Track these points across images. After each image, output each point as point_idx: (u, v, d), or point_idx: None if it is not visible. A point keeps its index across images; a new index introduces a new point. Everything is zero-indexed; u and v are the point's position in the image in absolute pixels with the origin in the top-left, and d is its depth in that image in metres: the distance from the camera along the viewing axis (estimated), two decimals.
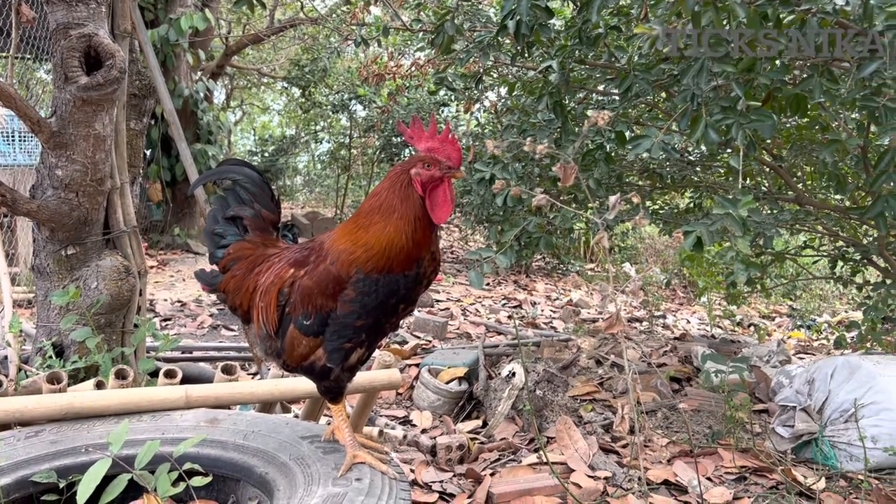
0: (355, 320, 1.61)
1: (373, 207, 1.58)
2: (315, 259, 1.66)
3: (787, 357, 4.25)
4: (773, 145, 3.99)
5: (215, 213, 1.85)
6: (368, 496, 1.55)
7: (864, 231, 4.36)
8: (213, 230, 1.84)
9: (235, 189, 1.84)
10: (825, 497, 2.49)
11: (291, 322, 1.66)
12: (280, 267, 1.72)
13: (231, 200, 1.85)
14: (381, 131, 9.90)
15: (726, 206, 1.84)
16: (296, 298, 1.65)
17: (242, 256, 1.80)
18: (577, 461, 2.68)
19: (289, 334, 1.67)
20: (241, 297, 1.77)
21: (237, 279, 1.78)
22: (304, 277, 1.65)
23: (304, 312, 1.63)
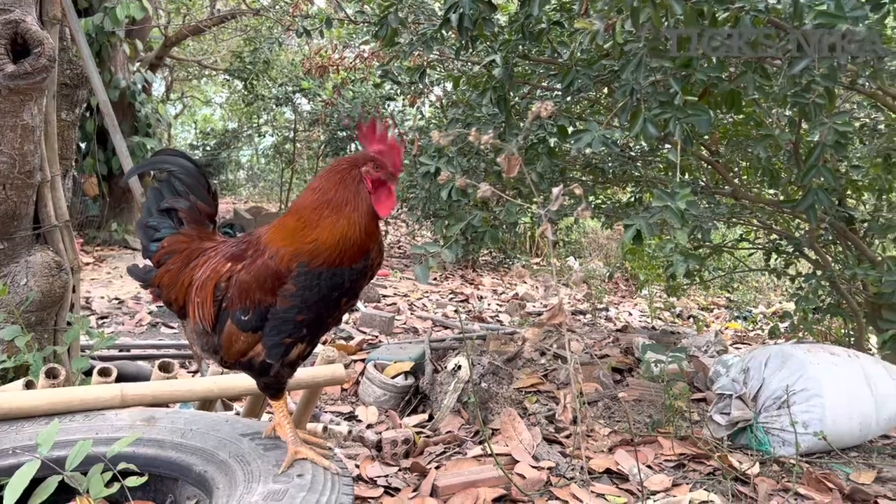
0: (296, 315, 1.59)
1: (320, 202, 1.58)
2: (253, 253, 1.63)
3: (724, 347, 4.38)
4: (710, 141, 4.09)
5: (149, 206, 1.79)
6: (310, 492, 1.53)
7: (796, 224, 4.52)
8: (147, 223, 1.78)
9: (170, 180, 1.78)
10: (759, 481, 2.57)
11: (229, 317, 1.63)
12: (216, 261, 1.69)
13: (166, 192, 1.78)
14: (326, 125, 9.80)
15: (665, 198, 1.88)
16: (233, 293, 1.62)
17: (177, 250, 1.75)
18: (522, 452, 2.71)
19: (226, 330, 1.64)
20: (176, 291, 1.73)
21: (172, 273, 1.73)
22: (241, 272, 1.62)
23: (242, 307, 1.61)
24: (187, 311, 1.71)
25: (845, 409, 2.96)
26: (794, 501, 2.43)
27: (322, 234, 1.56)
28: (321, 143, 10.76)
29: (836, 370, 3.03)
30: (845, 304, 3.93)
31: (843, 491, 2.56)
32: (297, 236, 1.57)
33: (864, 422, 3.01)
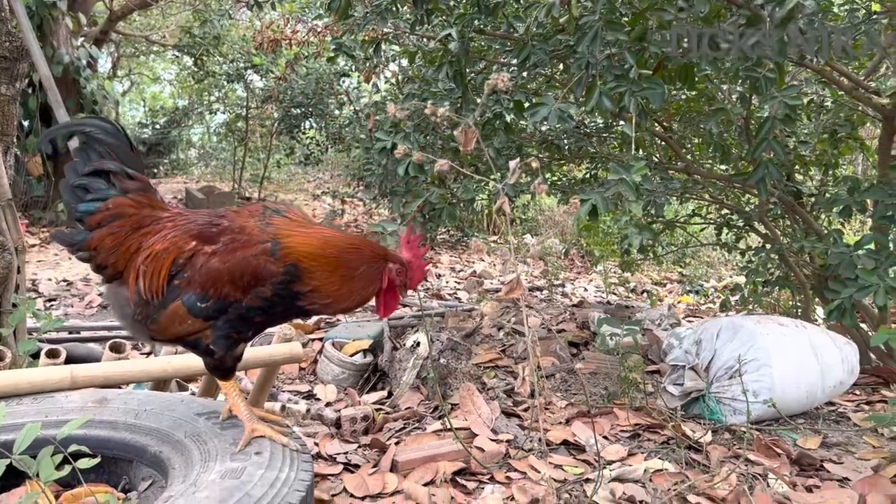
0: (256, 316, 1.60)
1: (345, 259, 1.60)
2: (231, 242, 1.58)
3: (677, 320, 4.47)
4: (664, 117, 4.14)
5: (75, 167, 1.70)
6: (268, 469, 1.52)
7: (746, 199, 4.62)
8: (75, 183, 1.68)
9: (92, 142, 1.70)
10: (711, 449, 2.64)
11: (179, 297, 1.59)
12: (177, 235, 1.63)
13: (92, 154, 1.70)
14: (279, 102, 9.62)
15: (620, 171, 1.90)
16: (195, 276, 1.57)
17: (124, 214, 1.67)
18: (481, 426, 2.73)
19: (171, 308, 1.59)
20: (117, 256, 1.65)
21: (116, 237, 1.65)
22: (212, 257, 1.57)
23: (202, 294, 1.57)
24: (126, 277, 1.65)
25: (793, 377, 3.05)
26: (744, 467, 2.50)
27: (327, 282, 1.58)
28: (274, 121, 10.57)
29: (785, 340, 3.12)
30: (793, 276, 4.04)
31: (791, 456, 2.65)
32: (318, 263, 1.58)
33: (811, 390, 3.11)
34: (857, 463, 2.67)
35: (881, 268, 2.35)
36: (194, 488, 1.44)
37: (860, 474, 2.52)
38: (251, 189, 12.15)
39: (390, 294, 1.69)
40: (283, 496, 1.43)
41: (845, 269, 2.38)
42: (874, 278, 2.27)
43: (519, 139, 4.27)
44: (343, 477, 2.33)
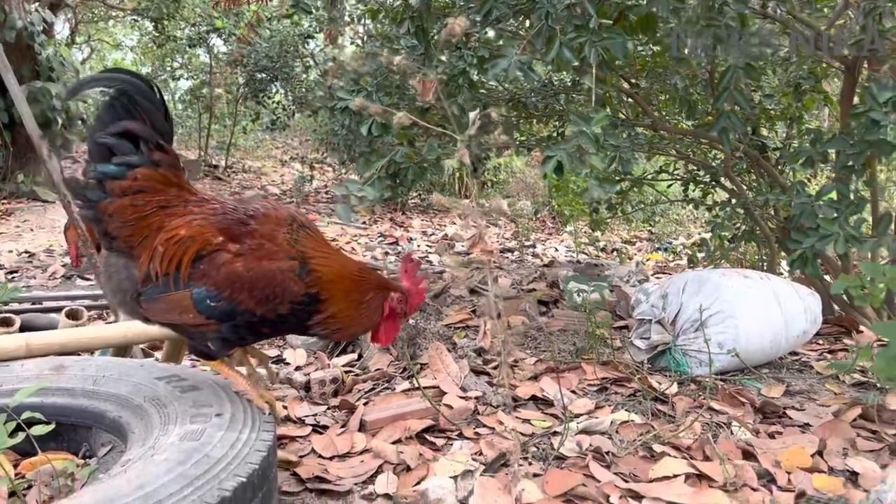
0: (266, 328, 1.60)
1: (357, 289, 1.66)
2: (258, 248, 1.54)
3: (645, 276, 4.51)
4: (630, 73, 4.12)
5: (103, 119, 1.58)
6: (229, 430, 1.50)
7: (713, 155, 4.64)
8: (99, 140, 1.56)
9: (123, 98, 1.57)
10: (677, 400, 2.67)
11: (190, 288, 1.53)
12: (205, 225, 1.56)
13: (120, 111, 1.57)
14: (243, 66, 9.42)
15: (580, 123, 1.87)
16: (213, 272, 1.52)
17: (151, 189, 1.58)
18: (450, 384, 2.73)
19: (177, 296, 1.54)
20: (134, 230, 1.57)
21: (138, 210, 1.56)
22: (236, 259, 1.52)
23: (217, 294, 1.52)
24: (137, 254, 1.57)
25: (758, 328, 3.09)
26: (707, 416, 2.54)
27: (341, 310, 1.63)
28: (239, 86, 10.37)
29: (750, 292, 3.16)
30: (759, 230, 4.08)
31: (755, 404, 2.69)
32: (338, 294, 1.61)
33: (775, 340, 3.16)
34: (818, 409, 2.73)
35: (841, 217, 2.37)
36: (153, 451, 1.42)
37: (821, 420, 2.57)
38: (218, 156, 11.97)
39: (391, 322, 1.76)
40: (243, 456, 1.41)
41: (807, 219, 2.40)
42: (835, 227, 2.29)
43: (485, 97, 4.23)
44: (311, 438, 2.32)
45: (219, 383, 1.76)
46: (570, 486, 1.98)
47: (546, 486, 1.99)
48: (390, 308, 1.73)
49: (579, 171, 1.88)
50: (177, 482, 1.28)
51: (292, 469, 2.11)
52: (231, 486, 1.31)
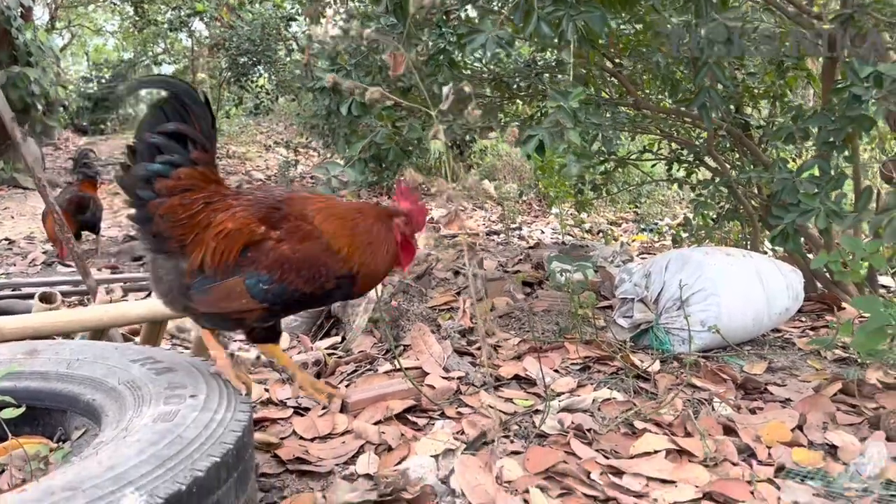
0: (316, 303, 1.76)
1: (365, 228, 1.72)
2: (295, 230, 1.65)
3: (629, 256, 4.51)
4: (614, 53, 4.10)
5: (151, 122, 1.63)
6: (203, 411, 1.49)
7: (696, 134, 4.63)
8: (151, 140, 1.62)
9: (175, 103, 1.63)
10: (659, 377, 2.68)
11: (240, 276, 1.61)
12: (247, 217, 1.64)
13: (171, 114, 1.63)
14: (225, 50, 9.31)
15: (558, 98, 1.86)
16: (262, 258, 1.61)
17: (196, 187, 1.64)
18: (432, 365, 2.73)
19: (229, 284, 1.62)
20: (185, 229, 1.63)
21: (187, 209, 1.63)
22: (280, 244, 1.62)
23: (268, 277, 1.61)
24: (188, 251, 1.63)
25: (740, 306, 3.10)
26: (687, 392, 2.55)
27: (372, 260, 1.72)
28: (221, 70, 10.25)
29: (732, 270, 3.16)
30: (742, 208, 4.09)
31: (737, 381, 2.71)
32: (356, 247, 1.69)
33: (757, 317, 3.17)
34: (800, 385, 2.74)
35: (822, 192, 2.37)
36: (125, 433, 1.40)
37: (802, 395, 2.59)
38: None
39: (405, 246, 1.82)
40: (217, 437, 1.40)
41: (788, 194, 2.40)
42: (815, 202, 2.29)
43: (468, 78, 4.19)
44: (292, 420, 2.31)
45: (194, 365, 1.75)
46: (551, 464, 1.98)
47: (527, 464, 1.99)
48: (400, 234, 1.78)
49: (557, 147, 1.86)
50: (148, 463, 1.27)
51: (273, 451, 2.10)
52: (204, 466, 1.30)
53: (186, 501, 1.25)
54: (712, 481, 1.91)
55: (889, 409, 2.35)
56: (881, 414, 2.33)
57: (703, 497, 1.85)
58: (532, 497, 1.80)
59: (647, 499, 1.84)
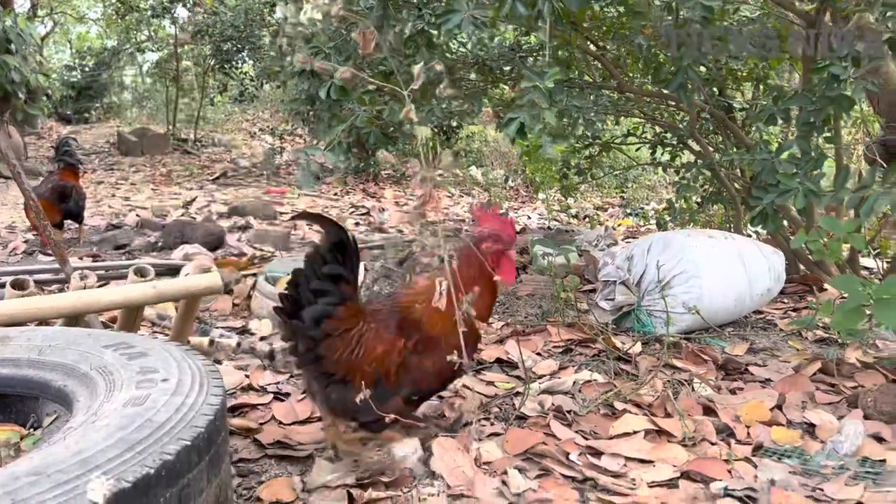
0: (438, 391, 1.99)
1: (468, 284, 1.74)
2: (418, 339, 1.82)
3: (613, 240, 4.51)
4: (598, 36, 4.07)
5: (314, 267, 1.78)
6: (175, 395, 1.47)
7: (680, 117, 4.62)
8: (316, 287, 1.77)
9: (334, 251, 1.78)
10: (641, 359, 2.68)
11: (400, 394, 1.83)
12: (387, 337, 1.82)
13: (328, 257, 1.78)
14: (209, 36, 9.21)
15: (533, 78, 1.84)
16: (409, 377, 1.82)
17: (349, 324, 1.80)
18: None
19: (394, 404, 1.81)
20: (348, 365, 1.80)
21: (347, 346, 1.79)
22: (420, 359, 1.82)
23: (416, 390, 1.86)
24: (353, 380, 1.77)
25: (722, 287, 3.10)
26: (666, 374, 2.55)
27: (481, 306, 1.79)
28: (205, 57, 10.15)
29: (714, 252, 3.17)
30: (725, 191, 4.09)
31: (717, 362, 2.72)
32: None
33: (739, 298, 3.18)
34: (780, 365, 2.76)
35: (801, 172, 2.37)
36: (95, 418, 1.38)
37: (782, 375, 2.60)
38: (187, 130, 11.77)
39: (502, 262, 1.87)
40: (188, 420, 1.38)
41: (767, 175, 2.39)
42: (794, 182, 2.28)
43: (451, 61, 4.17)
44: (272, 406, 2.30)
45: (168, 349, 1.73)
46: (530, 445, 1.98)
47: (506, 446, 1.99)
48: (490, 257, 1.84)
49: (533, 128, 1.85)
50: (116, 447, 1.25)
51: (252, 436, 2.09)
52: (174, 450, 1.28)
53: (155, 485, 1.23)
54: (690, 461, 1.92)
55: (867, 387, 2.37)
56: (859, 392, 2.35)
57: (681, 476, 1.86)
58: (510, 478, 1.81)
59: (625, 479, 1.85)
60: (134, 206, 6.55)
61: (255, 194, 7.61)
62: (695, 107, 3.61)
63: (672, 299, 3.05)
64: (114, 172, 8.91)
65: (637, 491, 1.76)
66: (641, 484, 1.80)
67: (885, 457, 1.99)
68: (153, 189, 7.74)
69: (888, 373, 2.60)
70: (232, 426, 2.12)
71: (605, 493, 1.74)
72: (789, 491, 1.74)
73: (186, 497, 1.34)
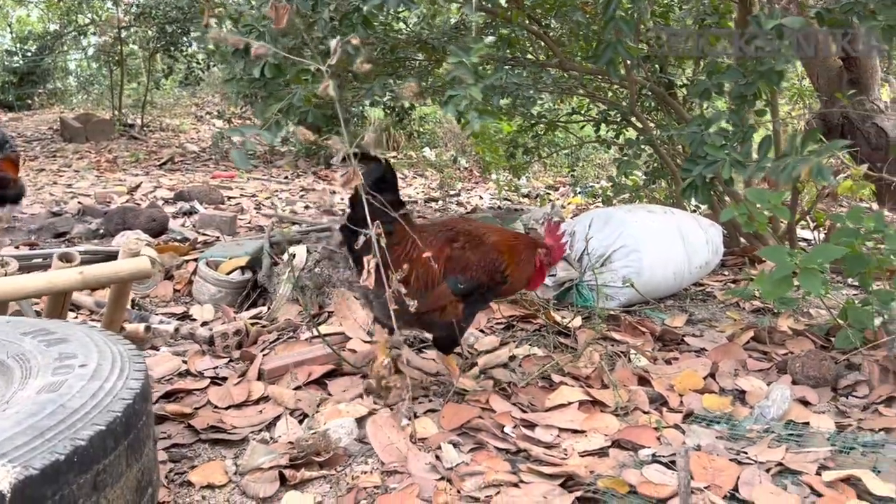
0: (489, 295, 2.19)
1: (517, 248, 2.16)
2: (468, 242, 2.12)
3: (561, 218, 4.54)
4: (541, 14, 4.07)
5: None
6: (92, 380, 1.44)
7: (624, 95, 4.66)
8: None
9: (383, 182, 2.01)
10: (580, 333, 2.71)
11: (444, 281, 2.06)
12: (437, 243, 2.10)
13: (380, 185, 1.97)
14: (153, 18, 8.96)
15: (459, 54, 1.83)
16: (453, 265, 2.07)
17: (403, 236, 2.02)
18: (356, 330, 2.71)
19: (439, 290, 2.06)
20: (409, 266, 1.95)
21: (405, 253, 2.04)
22: (464, 251, 2.10)
23: (462, 277, 2.07)
24: (409, 279, 1.97)
25: (662, 261, 3.15)
26: (608, 345, 2.59)
27: (518, 274, 2.15)
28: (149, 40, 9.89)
29: (654, 226, 3.21)
30: (666, 166, 4.14)
31: (655, 333, 2.76)
32: (512, 258, 2.13)
33: (679, 271, 3.24)
34: (716, 335, 2.82)
35: (729, 144, 2.41)
36: (6, 405, 1.35)
37: (717, 344, 2.66)
38: (134, 115, 11.47)
39: (540, 273, 2.21)
40: (105, 405, 1.35)
41: (697, 147, 2.43)
42: (721, 153, 2.32)
43: (392, 40, 4.13)
44: (208, 390, 2.27)
45: (90, 335, 1.69)
46: (466, 419, 1.99)
47: (442, 421, 2.00)
48: (539, 262, 2.17)
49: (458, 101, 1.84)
50: (25, 434, 1.22)
51: (187, 421, 2.07)
52: (87, 436, 1.26)
53: (67, 471, 1.21)
54: (621, 429, 1.95)
55: (796, 353, 2.44)
56: (788, 359, 2.41)
57: (612, 445, 1.89)
58: (444, 452, 1.82)
59: (558, 449, 1.87)
60: (76, 193, 6.38)
61: (202, 179, 7.47)
62: (634, 83, 3.64)
63: (613, 274, 3.09)
64: (56, 159, 8.65)
65: (568, 460, 1.78)
66: (573, 453, 1.83)
67: (808, 419, 2.06)
68: (97, 176, 7.53)
69: (817, 339, 2.68)
70: (165, 411, 2.09)
71: (536, 464, 1.77)
72: (714, 455, 1.78)
73: (102, 483, 1.32)
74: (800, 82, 5.84)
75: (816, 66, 5.60)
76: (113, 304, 2.27)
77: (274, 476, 1.73)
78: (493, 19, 3.93)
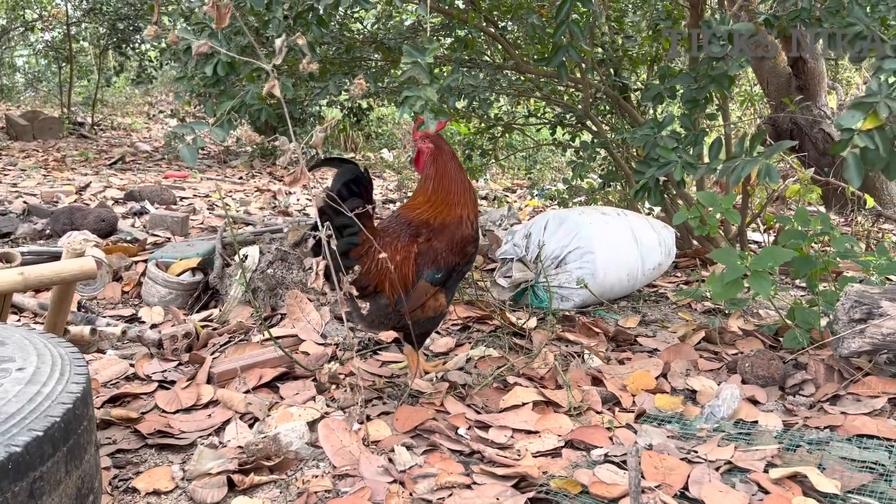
0: (466, 269, 2.18)
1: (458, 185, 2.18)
2: (430, 231, 2.11)
3: (517, 220, 4.56)
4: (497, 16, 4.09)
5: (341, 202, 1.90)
6: (30, 384, 1.38)
7: (578, 98, 4.70)
8: (339, 223, 1.92)
9: (356, 184, 2.01)
10: (535, 334, 2.72)
11: (422, 277, 2.07)
12: (403, 244, 2.09)
13: (354, 189, 2.00)
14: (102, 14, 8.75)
15: (414, 54, 1.82)
16: (428, 259, 2.07)
17: (368, 242, 1.97)
18: (309, 332, 2.68)
19: (419, 288, 2.07)
20: (378, 276, 2.02)
21: (372, 262, 2.01)
22: (431, 243, 2.09)
23: (436, 268, 2.08)
24: (382, 289, 2.03)
25: (615, 262, 3.18)
26: (562, 346, 2.60)
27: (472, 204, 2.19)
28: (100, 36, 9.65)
29: (607, 228, 3.24)
30: (620, 169, 4.19)
31: (608, 334, 2.79)
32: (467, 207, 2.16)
33: (632, 272, 3.27)
34: (668, 336, 2.85)
35: (682, 147, 2.44)
36: None
37: (669, 345, 2.69)
38: (83, 113, 11.18)
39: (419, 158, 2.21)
40: (43, 410, 1.30)
41: (650, 149, 2.46)
42: (673, 156, 2.35)
43: (348, 39, 4.10)
44: (156, 395, 2.21)
45: (28, 338, 1.63)
46: (420, 421, 1.98)
47: (396, 423, 1.98)
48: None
49: (413, 101, 1.83)
50: None
51: (133, 426, 2.01)
52: (22, 441, 1.21)
53: (1, 479, 1.16)
54: (574, 429, 1.96)
55: (745, 353, 2.48)
56: (738, 358, 2.46)
57: (565, 445, 1.90)
58: (396, 455, 1.80)
59: (511, 450, 1.87)
60: (22, 192, 6.18)
61: (154, 179, 7.31)
62: (588, 86, 3.68)
63: (568, 275, 3.11)
64: (1, 158, 8.38)
65: (521, 461, 1.78)
66: (526, 454, 1.83)
67: (757, 418, 2.09)
68: (44, 175, 7.31)
69: (766, 339, 2.73)
70: (111, 416, 2.03)
71: (489, 465, 1.76)
72: (665, 454, 1.80)
73: (39, 490, 1.27)
74: (750, 88, 5.98)
75: (766, 73, 5.75)
76: (56, 306, 2.19)
77: (222, 481, 1.69)
78: (451, 21, 3.93)
